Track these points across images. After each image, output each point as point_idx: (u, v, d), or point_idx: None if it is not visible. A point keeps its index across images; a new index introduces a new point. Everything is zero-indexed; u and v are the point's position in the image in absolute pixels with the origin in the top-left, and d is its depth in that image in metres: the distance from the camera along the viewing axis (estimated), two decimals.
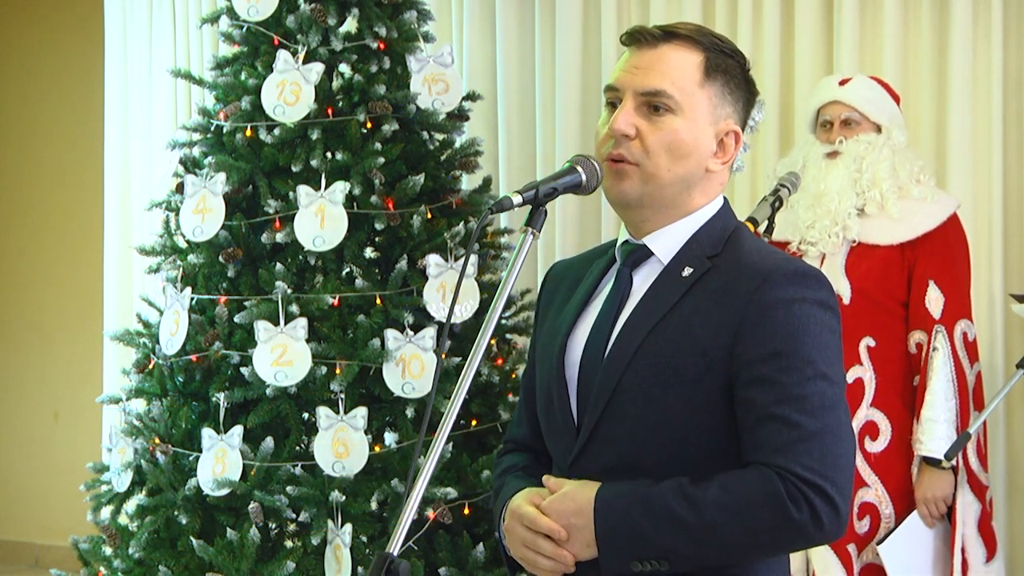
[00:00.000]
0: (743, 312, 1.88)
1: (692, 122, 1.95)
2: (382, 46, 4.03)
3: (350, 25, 4.03)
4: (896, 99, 3.82)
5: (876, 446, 3.62)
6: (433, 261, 3.84)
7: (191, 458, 3.83)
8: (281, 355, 3.72)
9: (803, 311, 1.88)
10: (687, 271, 1.95)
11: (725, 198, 2.05)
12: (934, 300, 3.61)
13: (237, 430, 3.75)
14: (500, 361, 4.02)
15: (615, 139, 1.95)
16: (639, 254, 2.01)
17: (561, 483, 1.96)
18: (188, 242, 4.00)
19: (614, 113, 1.97)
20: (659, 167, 1.94)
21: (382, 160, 3.88)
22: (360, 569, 3.66)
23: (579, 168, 1.94)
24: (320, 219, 3.81)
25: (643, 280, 2.00)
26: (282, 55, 3.94)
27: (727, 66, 1.99)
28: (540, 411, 2.09)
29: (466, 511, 3.78)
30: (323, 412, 3.72)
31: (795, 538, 1.85)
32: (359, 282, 3.85)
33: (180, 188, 4.02)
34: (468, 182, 4.32)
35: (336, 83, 4.05)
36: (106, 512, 4.00)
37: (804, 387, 1.85)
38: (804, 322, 1.87)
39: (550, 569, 1.93)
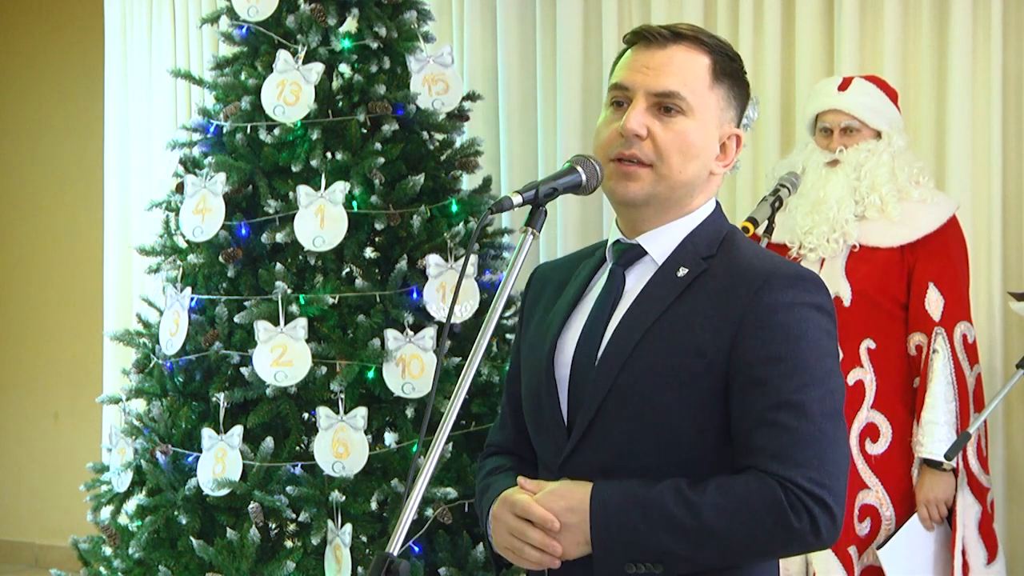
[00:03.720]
0: (743, 314, 1.88)
1: (701, 124, 1.96)
2: (382, 46, 4.04)
3: (350, 25, 4.03)
4: (894, 96, 3.80)
5: (877, 448, 3.62)
6: (433, 261, 3.84)
7: (191, 458, 3.83)
8: (281, 355, 3.72)
9: (802, 315, 1.88)
10: (682, 271, 1.95)
11: (717, 200, 2.05)
12: (934, 302, 3.61)
13: (237, 430, 3.75)
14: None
15: (627, 139, 1.94)
16: (632, 253, 2.01)
17: (541, 484, 1.94)
18: (188, 242, 4.00)
19: (623, 112, 1.96)
20: (671, 168, 1.94)
21: (382, 160, 3.88)
22: (360, 569, 3.66)
23: (579, 168, 1.94)
24: (320, 219, 3.81)
25: (636, 279, 2.00)
26: (282, 55, 3.94)
27: (731, 69, 2.00)
28: (527, 411, 2.08)
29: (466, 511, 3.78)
30: (323, 412, 3.72)
31: (792, 546, 1.86)
32: (359, 282, 3.85)
33: (180, 188, 4.02)
34: (468, 182, 4.32)
35: (336, 83, 4.05)
36: (106, 512, 4.00)
37: (802, 393, 1.85)
38: (803, 327, 1.88)
39: (537, 560, 1.91)
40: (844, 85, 3.75)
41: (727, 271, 1.94)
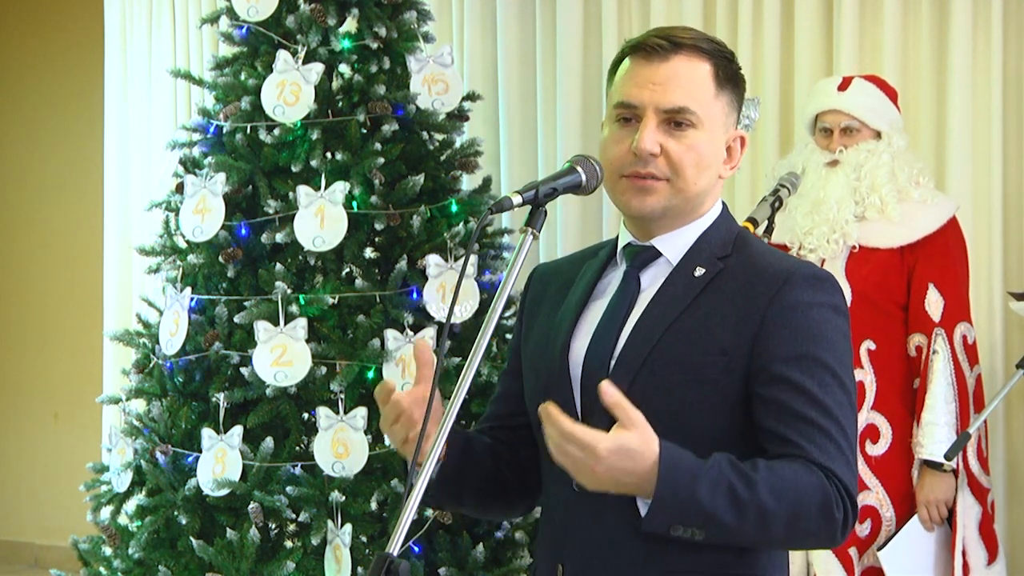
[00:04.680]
0: (764, 313, 1.89)
1: (711, 134, 1.96)
2: (382, 46, 4.03)
3: (350, 25, 4.03)
4: (894, 96, 3.80)
5: (877, 449, 3.62)
6: (433, 261, 3.84)
7: (191, 458, 3.83)
8: (281, 355, 3.72)
9: (822, 316, 1.91)
10: (699, 271, 1.96)
11: (723, 202, 2.06)
12: (934, 303, 3.60)
13: (237, 430, 3.75)
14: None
15: (641, 158, 1.94)
16: (646, 255, 2.01)
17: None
18: (188, 242, 4.00)
19: (631, 129, 1.95)
20: (687, 181, 1.95)
21: (382, 160, 3.88)
22: (360, 569, 3.66)
23: (579, 168, 1.94)
24: (320, 219, 3.81)
25: (651, 281, 2.00)
26: (282, 55, 3.94)
27: (731, 73, 2.00)
28: (534, 411, 2.07)
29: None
30: (323, 412, 3.72)
31: (825, 536, 1.86)
32: (359, 282, 3.85)
33: (180, 188, 4.02)
34: (468, 182, 4.32)
35: (336, 83, 4.05)
36: (106, 512, 3.99)
37: (826, 393, 1.87)
38: (824, 327, 1.90)
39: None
40: (844, 85, 3.75)
41: (744, 271, 1.95)
